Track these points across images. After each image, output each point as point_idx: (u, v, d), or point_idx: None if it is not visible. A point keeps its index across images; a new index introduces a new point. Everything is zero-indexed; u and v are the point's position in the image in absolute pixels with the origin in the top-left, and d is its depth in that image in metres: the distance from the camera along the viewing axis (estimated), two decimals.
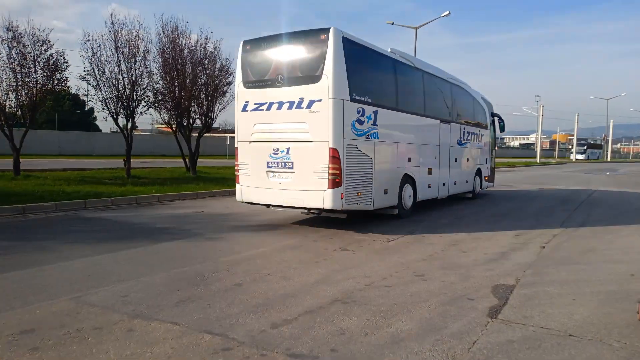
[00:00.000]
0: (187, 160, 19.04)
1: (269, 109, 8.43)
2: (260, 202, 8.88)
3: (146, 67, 15.94)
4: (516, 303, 4.77)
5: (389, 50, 10.07)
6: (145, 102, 16.40)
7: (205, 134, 20.64)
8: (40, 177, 14.71)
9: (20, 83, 13.99)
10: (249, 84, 8.80)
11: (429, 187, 11.10)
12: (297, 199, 8.16)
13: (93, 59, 14.92)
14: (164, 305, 4.52)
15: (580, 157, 78.97)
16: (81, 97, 38.68)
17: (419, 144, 10.63)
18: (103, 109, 15.56)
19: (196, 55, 17.39)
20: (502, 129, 16.96)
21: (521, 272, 5.96)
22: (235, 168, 9.13)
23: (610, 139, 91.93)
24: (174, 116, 17.94)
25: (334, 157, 7.71)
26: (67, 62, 14.86)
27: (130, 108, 15.75)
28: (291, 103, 8.12)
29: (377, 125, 8.78)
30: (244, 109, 8.81)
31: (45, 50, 14.20)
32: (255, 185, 8.73)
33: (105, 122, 48.17)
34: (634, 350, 3.68)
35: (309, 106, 7.90)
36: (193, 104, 17.82)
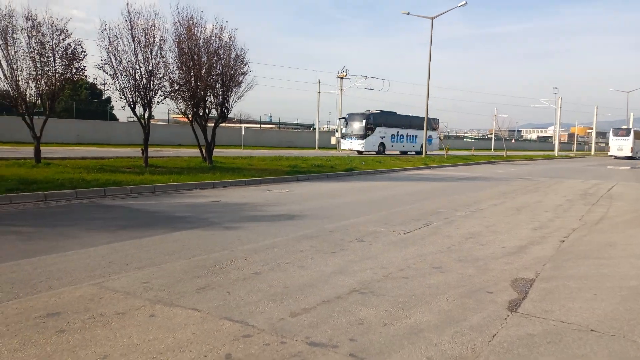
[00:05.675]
0: (204, 150, 19.16)
1: (617, 141, 54.98)
2: (616, 155, 54.12)
3: (162, 57, 16.04)
4: (536, 297, 4.73)
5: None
6: (161, 91, 16.51)
7: (221, 124, 20.71)
8: (60, 165, 14.95)
9: (39, 72, 14.18)
10: (613, 135, 56.30)
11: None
12: (624, 153, 53.24)
13: (110, 48, 15.05)
14: (184, 291, 4.59)
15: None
16: (99, 87, 39.01)
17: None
18: (120, 98, 15.71)
19: (211, 45, 17.43)
20: None
21: (540, 266, 5.90)
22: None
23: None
24: (190, 106, 18.05)
25: (631, 147, 52.94)
26: (84, 51, 15.03)
27: (147, 98, 15.88)
28: (623, 140, 54.13)
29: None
30: (611, 140, 56.38)
31: (63, 39, 14.37)
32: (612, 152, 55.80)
33: (122, 112, 48.77)
34: None
35: (626, 141, 53.73)
36: (209, 94, 17.89)
